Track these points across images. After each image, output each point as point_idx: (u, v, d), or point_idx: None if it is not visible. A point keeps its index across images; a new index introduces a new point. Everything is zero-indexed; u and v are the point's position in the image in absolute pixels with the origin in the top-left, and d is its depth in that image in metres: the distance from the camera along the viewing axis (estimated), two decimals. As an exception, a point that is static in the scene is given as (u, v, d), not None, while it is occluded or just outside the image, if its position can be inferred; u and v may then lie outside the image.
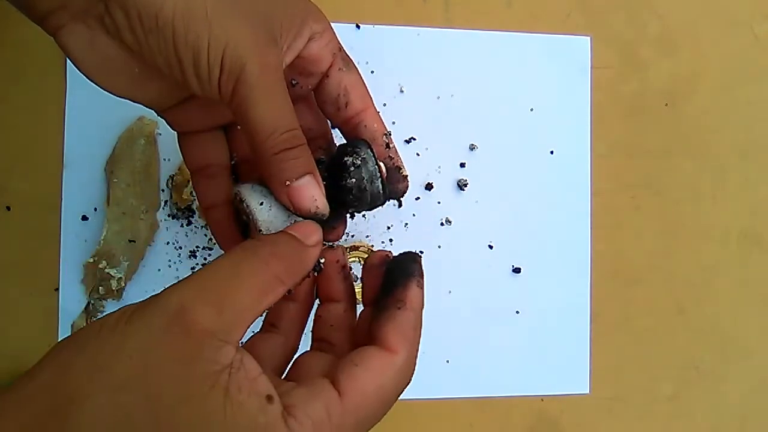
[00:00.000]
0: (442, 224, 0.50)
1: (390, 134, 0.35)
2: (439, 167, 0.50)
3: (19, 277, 0.46)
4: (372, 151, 0.33)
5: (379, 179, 0.32)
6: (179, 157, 0.48)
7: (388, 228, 0.49)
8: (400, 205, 0.49)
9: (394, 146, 0.35)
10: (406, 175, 0.35)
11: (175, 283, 0.25)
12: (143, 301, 0.25)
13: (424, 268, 0.30)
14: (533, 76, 0.51)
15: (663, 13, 0.53)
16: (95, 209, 0.47)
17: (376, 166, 0.32)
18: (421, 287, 0.29)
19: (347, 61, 0.34)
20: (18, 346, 0.46)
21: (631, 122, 0.52)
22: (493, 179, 0.50)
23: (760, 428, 0.53)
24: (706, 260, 0.53)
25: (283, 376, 0.31)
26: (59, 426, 0.22)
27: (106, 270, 0.46)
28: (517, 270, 0.50)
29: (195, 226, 0.48)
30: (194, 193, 0.47)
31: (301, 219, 0.30)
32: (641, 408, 0.52)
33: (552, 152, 0.51)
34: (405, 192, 0.35)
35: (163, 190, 0.48)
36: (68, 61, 0.47)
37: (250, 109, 0.28)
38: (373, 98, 0.35)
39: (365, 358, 0.27)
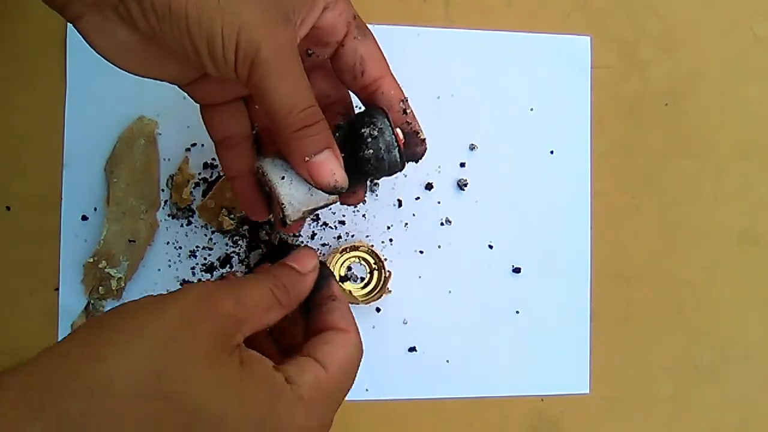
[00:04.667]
0: (442, 224, 0.50)
1: (407, 100, 0.35)
2: (439, 167, 0.50)
3: (19, 277, 0.46)
4: (389, 119, 0.33)
5: (396, 148, 0.33)
6: (179, 157, 0.48)
7: (388, 228, 0.49)
8: (400, 205, 0.49)
9: (411, 111, 0.35)
10: (424, 139, 0.36)
11: (199, 282, 0.29)
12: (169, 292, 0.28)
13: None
14: (533, 76, 0.51)
15: (663, 13, 0.53)
16: (95, 209, 0.47)
17: (393, 136, 0.33)
18: (337, 282, 0.35)
19: (363, 29, 0.34)
20: (18, 346, 0.46)
21: (631, 122, 0.52)
22: (493, 179, 0.50)
23: (760, 428, 0.53)
24: (706, 260, 0.53)
25: None
26: (91, 373, 0.25)
27: (106, 270, 0.46)
28: (517, 270, 0.50)
29: (195, 226, 0.48)
30: (194, 193, 0.48)
31: (321, 193, 0.32)
32: (641, 408, 0.52)
33: (552, 152, 0.51)
34: (423, 155, 0.36)
35: (163, 190, 0.48)
36: (68, 61, 0.47)
37: (268, 90, 0.29)
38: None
39: (330, 339, 0.31)
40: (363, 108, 0.36)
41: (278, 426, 0.28)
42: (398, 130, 0.34)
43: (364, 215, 0.49)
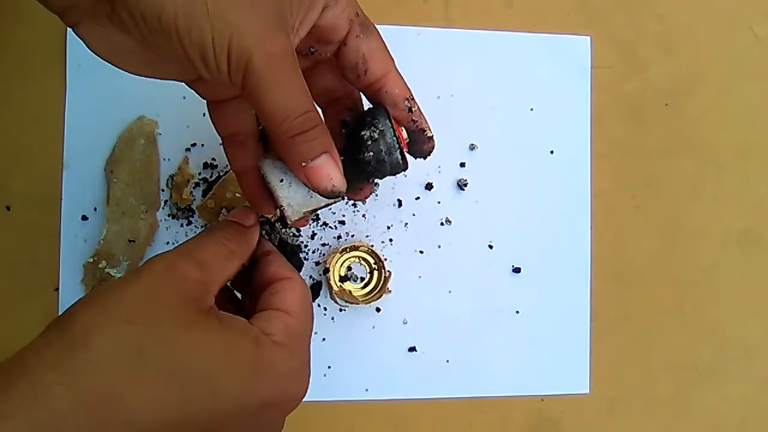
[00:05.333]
0: (442, 224, 0.50)
1: (413, 98, 0.35)
2: (439, 167, 0.50)
3: (19, 277, 0.46)
4: (391, 121, 0.33)
5: (398, 150, 0.33)
6: (179, 157, 0.48)
7: (388, 228, 0.49)
8: (400, 205, 0.49)
9: (417, 109, 0.35)
10: (431, 136, 0.35)
11: (156, 254, 0.30)
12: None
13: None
14: (533, 76, 0.51)
15: (663, 13, 0.53)
16: (95, 209, 0.47)
17: (395, 138, 0.33)
18: (266, 239, 0.36)
19: (366, 27, 0.34)
20: (18, 347, 0.46)
21: (631, 122, 0.52)
22: (493, 179, 0.50)
23: (760, 428, 0.53)
24: (706, 260, 0.53)
25: None
26: (74, 355, 0.26)
27: (106, 270, 0.46)
28: (517, 270, 0.50)
29: (195, 226, 0.48)
30: (194, 193, 0.48)
31: (320, 196, 0.32)
32: (641, 408, 0.52)
33: (552, 152, 0.51)
34: (431, 152, 0.36)
35: (163, 190, 0.48)
36: (68, 61, 0.47)
37: (262, 97, 0.29)
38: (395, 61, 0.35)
39: (281, 288, 0.33)
40: (370, 105, 0.35)
41: (269, 371, 0.29)
42: (402, 129, 0.34)
43: (364, 215, 0.49)
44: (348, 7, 0.33)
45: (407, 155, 0.34)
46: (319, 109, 0.35)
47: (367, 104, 0.36)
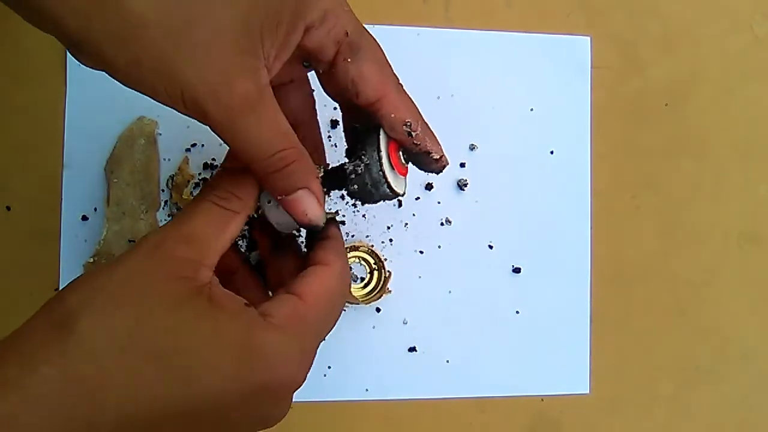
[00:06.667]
0: (442, 224, 0.50)
1: (416, 119, 0.32)
2: (439, 167, 0.50)
3: (19, 277, 0.46)
4: (380, 152, 0.31)
5: (385, 184, 0.31)
6: (179, 157, 0.48)
7: (388, 228, 0.49)
8: (400, 205, 0.49)
9: (419, 132, 0.32)
10: (438, 158, 0.33)
11: (146, 234, 0.30)
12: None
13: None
14: (533, 76, 0.51)
15: (663, 13, 0.53)
16: (95, 209, 0.47)
17: (380, 173, 0.31)
18: (338, 227, 0.34)
19: (357, 48, 0.31)
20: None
21: (631, 122, 0.52)
22: (493, 179, 0.50)
23: (760, 428, 0.53)
24: (706, 260, 0.53)
25: None
26: (61, 337, 0.25)
27: (106, 270, 0.46)
28: (517, 270, 0.50)
29: (195, 226, 0.48)
30: (194, 193, 0.47)
31: None
32: (641, 408, 0.52)
33: (552, 152, 0.51)
34: (441, 170, 0.34)
35: (163, 190, 0.48)
36: (68, 61, 0.47)
37: (230, 142, 0.29)
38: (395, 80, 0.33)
39: (310, 272, 0.31)
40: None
41: (259, 354, 0.27)
42: (400, 154, 0.33)
43: (364, 215, 0.49)
44: (336, 27, 0.30)
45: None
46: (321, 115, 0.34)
47: None
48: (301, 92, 0.35)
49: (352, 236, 0.49)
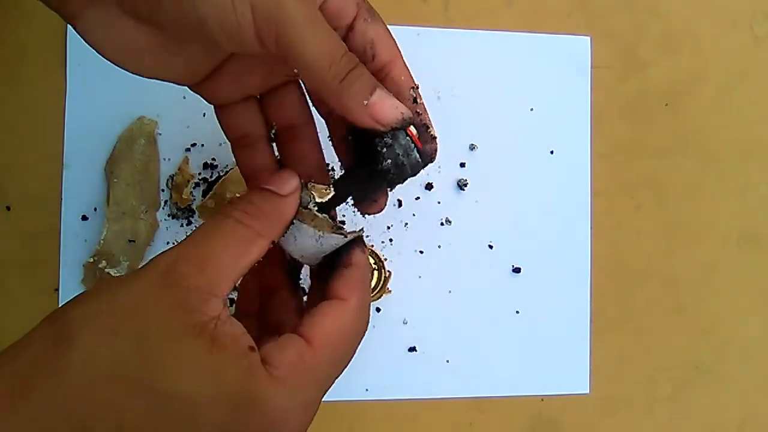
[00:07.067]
0: (442, 224, 0.50)
1: (417, 88, 0.33)
2: (439, 167, 0.50)
3: (19, 277, 0.46)
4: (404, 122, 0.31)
5: (415, 149, 0.31)
6: (179, 157, 0.48)
7: (388, 228, 0.49)
8: (400, 205, 0.49)
9: (422, 102, 0.32)
10: (435, 136, 0.33)
11: (163, 251, 0.27)
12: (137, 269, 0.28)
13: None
14: (533, 76, 0.51)
15: (663, 13, 0.53)
16: (95, 209, 0.47)
17: (408, 137, 0.30)
18: (365, 252, 0.31)
19: (372, 12, 0.32)
20: (18, 346, 0.46)
21: (631, 122, 0.52)
22: (493, 179, 0.50)
23: (760, 428, 0.53)
24: (706, 260, 0.53)
25: None
26: (59, 356, 0.25)
27: (106, 270, 0.46)
28: (517, 270, 0.50)
29: (195, 226, 0.48)
30: (194, 193, 0.48)
31: (330, 236, 0.30)
32: (641, 408, 0.52)
33: (552, 152, 0.51)
34: (434, 154, 0.33)
35: (163, 190, 0.48)
36: (68, 61, 0.47)
37: (302, 47, 0.27)
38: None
39: (322, 309, 0.29)
40: None
41: (255, 404, 0.26)
42: (412, 127, 0.32)
43: (364, 215, 0.49)
44: None
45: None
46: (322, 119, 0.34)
47: None
48: (297, 92, 0.35)
49: (352, 236, 0.49)
